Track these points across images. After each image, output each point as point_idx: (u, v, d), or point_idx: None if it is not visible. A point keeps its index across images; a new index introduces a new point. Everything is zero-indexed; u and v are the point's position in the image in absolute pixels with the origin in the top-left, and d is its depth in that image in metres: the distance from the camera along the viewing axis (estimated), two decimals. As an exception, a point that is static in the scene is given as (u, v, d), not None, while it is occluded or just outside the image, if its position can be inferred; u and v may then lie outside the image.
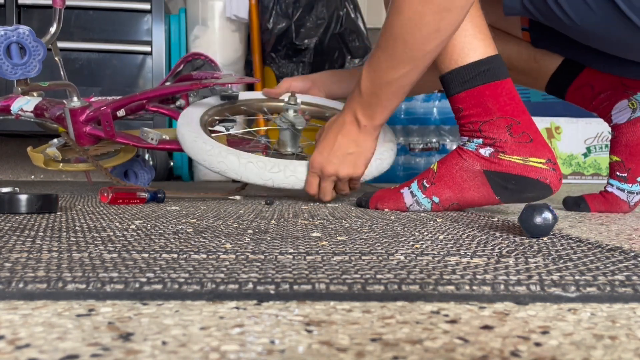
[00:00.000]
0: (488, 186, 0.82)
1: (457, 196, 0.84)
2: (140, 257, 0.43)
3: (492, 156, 0.81)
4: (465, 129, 0.84)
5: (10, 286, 0.34)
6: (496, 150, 0.81)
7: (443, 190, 0.85)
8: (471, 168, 0.83)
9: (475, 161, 0.83)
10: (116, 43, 2.29)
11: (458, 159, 0.84)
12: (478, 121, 0.82)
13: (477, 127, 0.82)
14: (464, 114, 0.82)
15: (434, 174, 0.86)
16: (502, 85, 0.81)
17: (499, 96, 0.81)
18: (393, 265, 0.41)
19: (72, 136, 1.14)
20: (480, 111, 0.81)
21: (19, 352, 0.24)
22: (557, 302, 0.34)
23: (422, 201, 0.86)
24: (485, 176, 0.82)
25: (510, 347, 0.26)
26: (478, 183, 0.83)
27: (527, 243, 0.53)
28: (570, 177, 2.45)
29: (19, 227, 0.60)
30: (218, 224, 0.65)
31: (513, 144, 0.81)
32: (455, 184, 0.84)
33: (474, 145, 0.83)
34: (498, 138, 0.81)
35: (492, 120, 0.81)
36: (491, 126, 0.81)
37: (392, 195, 0.89)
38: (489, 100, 0.81)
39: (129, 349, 0.25)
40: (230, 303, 0.33)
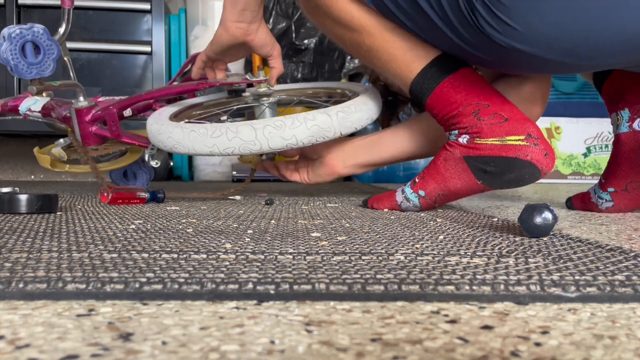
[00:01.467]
0: (469, 172, 0.82)
1: (441, 186, 0.84)
2: (140, 257, 0.43)
3: (469, 142, 0.81)
4: (445, 127, 0.85)
5: (10, 286, 0.34)
6: (471, 136, 0.81)
7: (428, 183, 0.86)
8: (452, 156, 0.83)
9: (455, 150, 0.83)
10: (116, 43, 2.29)
11: (442, 151, 0.85)
12: (450, 115, 0.83)
13: (452, 122, 0.83)
14: (440, 116, 0.84)
15: (425, 170, 0.88)
16: (455, 78, 0.83)
17: (458, 87, 0.82)
18: (393, 265, 0.41)
19: (77, 136, 1.14)
20: (448, 108, 0.83)
21: (19, 352, 0.24)
22: (557, 302, 0.34)
23: (410, 196, 0.87)
24: (466, 162, 0.82)
25: (510, 347, 0.26)
26: (460, 170, 0.83)
27: (527, 243, 0.53)
28: (570, 177, 2.45)
29: (19, 227, 0.60)
30: (218, 224, 0.65)
31: (485, 126, 0.80)
32: (439, 174, 0.85)
33: (453, 137, 0.84)
34: (469, 125, 0.81)
35: (459, 111, 0.82)
36: (460, 116, 0.82)
37: (386, 194, 0.91)
38: (450, 96, 0.82)
39: (129, 349, 0.25)
40: (230, 303, 0.33)
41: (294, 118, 0.90)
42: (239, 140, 0.90)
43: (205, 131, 0.90)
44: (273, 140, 0.89)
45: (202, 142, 0.90)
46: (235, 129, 0.89)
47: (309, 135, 0.90)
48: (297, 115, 0.91)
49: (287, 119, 0.90)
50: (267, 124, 0.89)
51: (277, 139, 0.89)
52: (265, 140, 0.89)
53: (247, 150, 0.90)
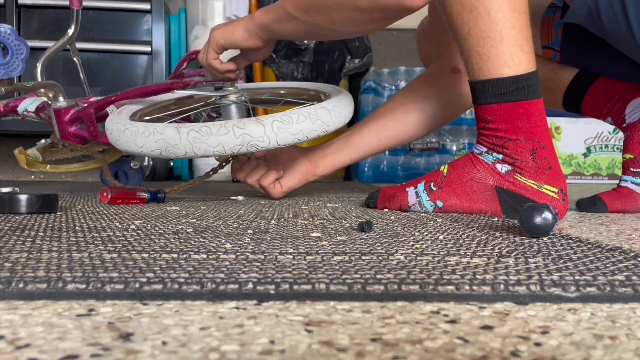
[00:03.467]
0: (497, 202, 0.81)
1: (463, 205, 0.83)
2: (140, 257, 0.43)
3: (508, 174, 0.80)
4: (487, 141, 0.81)
5: (10, 286, 0.34)
6: (514, 169, 0.80)
7: (449, 197, 0.83)
8: (483, 181, 0.81)
9: (489, 175, 0.81)
10: (116, 43, 2.29)
11: (471, 168, 0.82)
12: (504, 137, 0.80)
13: (501, 143, 0.80)
14: (491, 126, 0.80)
15: (442, 177, 0.84)
16: (536, 104, 0.80)
17: (531, 116, 0.79)
18: (393, 265, 0.41)
19: (57, 136, 1.13)
20: (509, 127, 0.79)
21: (19, 352, 0.24)
22: (557, 302, 0.34)
23: (425, 203, 0.85)
24: (497, 192, 0.81)
25: (510, 347, 0.26)
26: (487, 197, 0.81)
27: (527, 243, 0.53)
28: (570, 177, 2.45)
29: (19, 227, 0.60)
30: (218, 224, 0.65)
31: (533, 168, 0.79)
32: (464, 193, 0.83)
33: (491, 159, 0.81)
34: (520, 159, 0.79)
35: (518, 140, 0.79)
36: (516, 146, 0.79)
37: (397, 193, 0.88)
38: (521, 119, 0.79)
39: (129, 349, 0.25)
40: (230, 303, 0.33)
41: (299, 113, 0.89)
42: (247, 137, 0.86)
43: (208, 130, 0.86)
44: (282, 135, 0.87)
45: (204, 143, 0.86)
46: (244, 125, 0.86)
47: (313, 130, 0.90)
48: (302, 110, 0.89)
49: (293, 113, 0.88)
50: (275, 119, 0.87)
51: (286, 134, 0.87)
52: (274, 135, 0.87)
53: (253, 149, 0.87)
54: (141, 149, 0.89)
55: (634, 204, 0.97)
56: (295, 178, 1.09)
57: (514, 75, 0.78)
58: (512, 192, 0.80)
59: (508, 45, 0.77)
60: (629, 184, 0.97)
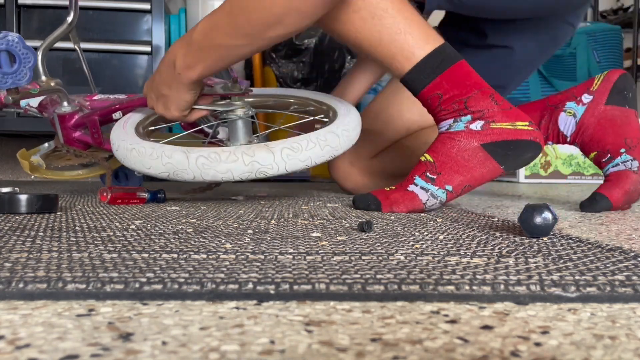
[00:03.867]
0: (491, 158, 0.85)
1: (467, 178, 0.85)
2: (140, 257, 0.43)
3: (484, 128, 0.84)
4: (449, 111, 0.85)
5: (10, 286, 0.34)
6: (486, 121, 0.84)
7: (452, 177, 0.85)
8: (469, 147, 0.84)
9: (470, 138, 0.84)
10: (116, 43, 2.29)
11: (452, 143, 0.85)
12: (462, 99, 0.84)
13: (463, 105, 0.84)
14: (445, 97, 0.85)
15: (432, 164, 0.86)
16: (465, 64, 0.86)
17: (470, 73, 0.85)
18: (393, 265, 0.41)
19: (61, 141, 1.13)
20: (461, 89, 0.84)
21: (19, 352, 0.24)
22: (557, 302, 0.34)
23: (436, 193, 0.85)
24: (485, 149, 0.84)
25: (510, 347, 0.26)
26: (481, 158, 0.84)
27: (527, 243, 0.53)
28: (570, 177, 2.45)
29: (19, 227, 0.60)
30: (218, 224, 0.65)
31: (500, 111, 0.84)
32: (461, 166, 0.85)
33: (462, 125, 0.85)
34: (486, 109, 0.84)
35: (474, 94, 0.84)
36: (476, 99, 0.84)
37: (402, 196, 0.87)
38: (465, 77, 0.84)
39: (129, 349, 0.25)
40: (230, 303, 0.33)
41: (308, 139, 0.87)
42: (256, 166, 0.85)
43: (217, 156, 0.85)
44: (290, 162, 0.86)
45: (213, 169, 0.85)
46: (253, 153, 0.85)
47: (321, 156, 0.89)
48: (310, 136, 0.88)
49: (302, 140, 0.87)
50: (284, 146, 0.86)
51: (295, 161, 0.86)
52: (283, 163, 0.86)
53: (262, 175, 0.86)
54: (148, 170, 0.89)
55: (629, 181, 0.98)
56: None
57: (436, 48, 0.84)
58: (497, 141, 0.84)
59: (416, 27, 0.84)
60: (612, 169, 1.00)
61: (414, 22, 0.85)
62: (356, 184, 1.29)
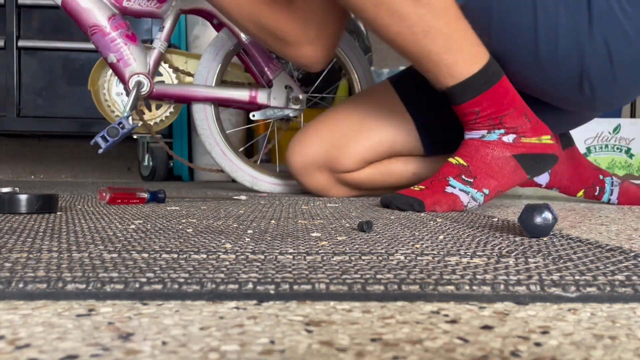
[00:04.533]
0: (520, 168, 0.92)
1: (501, 183, 0.91)
2: (140, 257, 0.43)
3: (515, 141, 0.91)
4: (484, 125, 0.91)
5: (10, 286, 0.34)
6: (518, 135, 0.91)
7: (489, 181, 0.91)
8: (502, 155, 0.91)
9: (504, 149, 0.91)
10: (116, 43, 2.29)
11: (487, 150, 0.91)
12: (498, 116, 0.90)
13: (498, 121, 0.90)
14: (483, 114, 0.90)
15: (466, 168, 0.91)
16: (505, 81, 0.91)
17: (508, 90, 0.91)
18: (393, 265, 0.41)
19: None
20: (498, 107, 0.90)
21: (19, 352, 0.24)
22: (557, 302, 0.34)
23: (476, 195, 0.91)
24: (517, 160, 0.91)
25: (510, 347, 0.26)
26: (512, 167, 0.91)
27: (527, 243, 0.53)
28: (570, 177, 2.45)
29: (19, 227, 0.60)
30: (218, 224, 0.65)
31: (531, 128, 0.91)
32: (495, 172, 0.91)
33: (495, 136, 0.91)
34: (519, 126, 0.91)
35: (510, 113, 0.90)
36: (512, 117, 0.90)
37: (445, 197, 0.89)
38: (503, 96, 0.90)
39: (129, 349, 0.25)
40: (230, 303, 0.33)
41: None
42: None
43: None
44: None
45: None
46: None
47: None
48: None
49: None
50: None
51: None
52: None
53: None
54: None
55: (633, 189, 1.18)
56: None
57: (483, 67, 0.88)
58: (527, 154, 0.92)
59: (467, 47, 0.88)
60: (613, 197, 1.20)
61: (467, 40, 0.88)
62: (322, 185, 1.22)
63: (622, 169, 2.04)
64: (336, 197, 1.21)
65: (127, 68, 1.30)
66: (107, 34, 1.27)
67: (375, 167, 1.18)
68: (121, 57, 1.29)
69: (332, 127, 1.18)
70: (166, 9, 1.32)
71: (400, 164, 1.19)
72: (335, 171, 1.17)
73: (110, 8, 1.28)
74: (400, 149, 1.17)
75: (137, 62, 1.30)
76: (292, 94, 1.36)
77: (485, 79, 0.88)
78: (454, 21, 0.87)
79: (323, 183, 1.20)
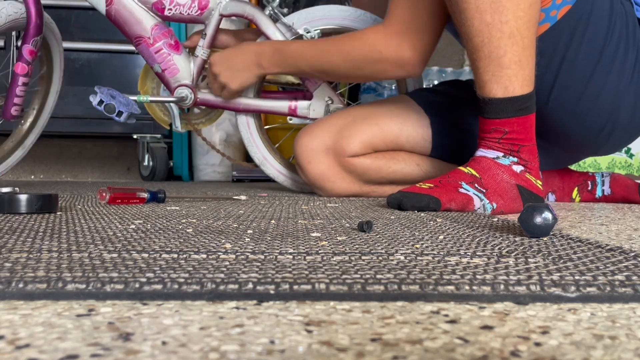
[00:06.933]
0: (519, 199, 0.93)
1: (506, 205, 0.92)
2: (140, 257, 0.43)
3: (521, 174, 0.93)
4: (503, 148, 0.92)
5: (10, 286, 0.34)
6: (525, 170, 0.93)
7: (497, 198, 0.91)
8: (509, 181, 0.92)
9: (511, 176, 0.92)
10: (116, 43, 2.29)
11: (497, 170, 0.92)
12: (519, 144, 0.92)
13: (517, 149, 0.92)
14: (509, 136, 0.92)
15: (478, 179, 0.91)
16: (534, 117, 0.93)
17: (533, 125, 0.93)
18: (393, 265, 0.41)
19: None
20: (524, 136, 0.92)
21: (19, 352, 0.24)
22: (557, 302, 0.34)
23: (487, 205, 0.91)
24: (518, 190, 0.93)
25: (510, 347, 0.26)
26: (515, 195, 0.92)
27: (527, 243, 0.53)
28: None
29: (19, 227, 0.60)
30: (218, 224, 0.65)
31: (535, 167, 0.94)
32: (503, 193, 0.92)
33: (508, 161, 0.92)
34: (530, 161, 0.93)
35: (529, 146, 0.93)
36: (528, 151, 0.93)
37: (459, 196, 0.89)
38: (530, 129, 0.92)
39: (129, 349, 0.25)
40: (230, 303, 0.33)
41: None
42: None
43: None
44: None
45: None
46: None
47: None
48: None
49: None
50: None
51: None
52: None
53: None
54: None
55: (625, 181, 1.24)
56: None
57: (529, 92, 0.90)
58: (527, 189, 0.93)
59: (530, 67, 0.90)
60: (605, 188, 1.24)
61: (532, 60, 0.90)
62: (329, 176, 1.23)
63: (622, 169, 2.04)
64: (338, 190, 1.22)
65: (172, 77, 1.32)
66: (151, 45, 1.29)
67: (380, 154, 1.20)
68: (166, 67, 1.31)
69: (342, 116, 1.22)
70: (207, 15, 1.32)
71: (404, 154, 1.21)
72: (341, 155, 1.18)
73: (153, 17, 1.29)
74: (405, 142, 1.19)
75: (181, 72, 1.32)
76: (332, 107, 1.37)
77: (528, 105, 0.90)
78: (534, 37, 0.89)
79: (327, 170, 1.20)
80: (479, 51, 0.88)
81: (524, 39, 0.87)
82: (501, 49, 0.87)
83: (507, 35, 0.86)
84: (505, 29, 0.86)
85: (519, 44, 0.87)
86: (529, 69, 0.89)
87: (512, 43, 0.86)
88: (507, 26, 0.86)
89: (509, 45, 0.86)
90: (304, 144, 1.20)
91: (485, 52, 0.88)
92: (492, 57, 0.88)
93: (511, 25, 0.86)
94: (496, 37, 0.86)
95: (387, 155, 1.20)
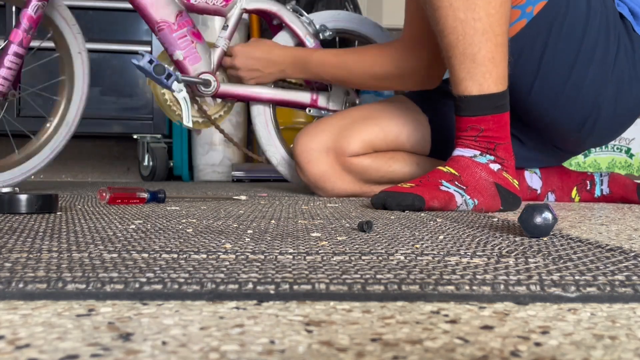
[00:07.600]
0: (498, 197, 0.93)
1: (486, 202, 0.93)
2: (140, 257, 0.43)
3: (499, 172, 0.94)
4: (479, 146, 0.93)
5: (10, 286, 0.34)
6: (502, 168, 0.94)
7: (476, 195, 0.92)
8: (487, 179, 0.93)
9: (489, 174, 0.93)
10: (116, 43, 2.29)
11: (476, 169, 0.92)
12: (495, 142, 0.93)
13: (493, 147, 0.93)
14: (485, 134, 0.92)
15: (457, 177, 0.91)
16: (508, 115, 0.94)
17: (507, 124, 0.94)
18: (393, 265, 0.41)
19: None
20: (500, 135, 0.93)
21: (19, 352, 0.24)
22: (557, 302, 0.34)
23: (469, 201, 0.92)
24: (496, 188, 0.93)
25: (510, 347, 0.26)
26: (493, 193, 0.93)
27: (527, 243, 0.53)
28: (570, 177, 2.45)
29: (19, 227, 0.60)
30: (218, 224, 0.65)
31: (511, 166, 0.95)
32: (482, 190, 0.92)
33: (485, 160, 0.93)
34: (506, 159, 0.94)
35: (505, 144, 0.94)
36: (504, 149, 0.93)
37: (441, 194, 0.89)
38: (505, 127, 0.93)
39: (129, 349, 0.25)
40: (230, 303, 0.33)
41: None
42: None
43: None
44: None
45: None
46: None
47: None
48: None
49: None
50: None
51: None
52: None
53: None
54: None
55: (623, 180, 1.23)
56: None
57: (503, 90, 0.91)
58: (504, 187, 0.94)
59: (503, 65, 0.91)
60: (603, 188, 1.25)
61: (505, 58, 0.91)
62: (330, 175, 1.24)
63: (622, 169, 2.04)
64: (337, 190, 1.22)
65: (194, 65, 1.30)
66: (174, 30, 1.27)
67: (380, 154, 1.21)
68: (188, 55, 1.29)
69: (341, 117, 1.24)
70: (231, 7, 1.33)
71: (404, 154, 1.22)
72: (341, 154, 1.19)
73: (178, 4, 1.29)
74: (406, 141, 1.21)
75: (202, 61, 1.31)
76: (349, 99, 1.40)
77: (502, 102, 0.91)
78: (506, 35, 0.90)
79: (327, 170, 1.20)
80: (454, 48, 0.89)
81: (497, 36, 0.88)
82: (475, 46, 0.88)
83: (480, 32, 0.87)
84: (479, 26, 0.87)
85: (492, 41, 0.88)
86: (502, 67, 0.90)
87: (485, 40, 0.87)
88: (480, 23, 0.87)
89: (483, 42, 0.87)
90: (304, 144, 1.21)
91: (460, 49, 0.89)
92: (467, 54, 0.88)
93: (484, 22, 0.87)
94: (470, 34, 0.87)
95: (387, 155, 1.21)
